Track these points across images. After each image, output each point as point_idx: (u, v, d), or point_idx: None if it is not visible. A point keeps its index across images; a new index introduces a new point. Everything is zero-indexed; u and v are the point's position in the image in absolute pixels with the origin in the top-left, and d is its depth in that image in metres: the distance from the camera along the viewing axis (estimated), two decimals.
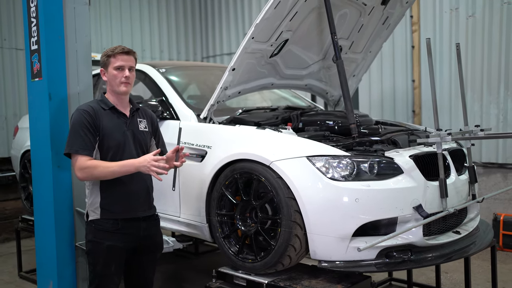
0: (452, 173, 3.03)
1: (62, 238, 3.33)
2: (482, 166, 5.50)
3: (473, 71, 5.49)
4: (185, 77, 4.30)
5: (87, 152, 2.53)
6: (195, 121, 3.39)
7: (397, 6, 3.83)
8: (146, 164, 2.44)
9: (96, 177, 2.56)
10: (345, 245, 2.60)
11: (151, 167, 2.43)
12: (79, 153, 2.52)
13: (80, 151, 2.52)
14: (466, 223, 3.18)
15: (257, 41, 3.19)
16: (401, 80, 6.13)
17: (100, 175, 2.53)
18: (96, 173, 2.52)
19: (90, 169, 2.50)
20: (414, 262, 2.71)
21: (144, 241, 2.73)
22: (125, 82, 2.62)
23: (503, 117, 5.34)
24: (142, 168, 2.47)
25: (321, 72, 4.06)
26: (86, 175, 2.53)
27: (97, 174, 2.52)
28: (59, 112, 3.28)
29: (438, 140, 2.78)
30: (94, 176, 2.54)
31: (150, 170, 2.44)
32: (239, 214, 2.96)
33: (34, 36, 3.30)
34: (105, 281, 2.66)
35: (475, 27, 5.46)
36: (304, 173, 2.68)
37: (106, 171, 2.51)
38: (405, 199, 2.66)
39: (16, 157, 5.18)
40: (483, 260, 4.51)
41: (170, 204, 3.37)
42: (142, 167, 2.46)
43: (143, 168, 2.46)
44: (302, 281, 2.74)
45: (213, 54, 8.61)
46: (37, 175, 3.45)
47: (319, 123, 3.42)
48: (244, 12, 8.03)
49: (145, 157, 2.49)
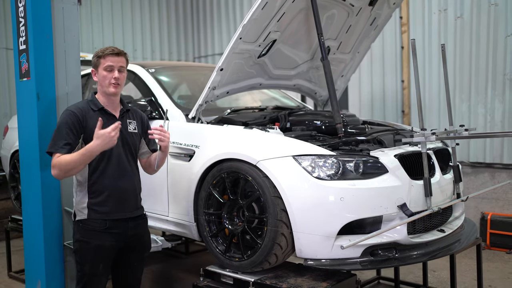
0: (436, 172, 3.08)
1: (50, 237, 3.33)
2: (469, 165, 5.56)
3: (461, 71, 5.55)
4: (175, 77, 4.31)
5: (64, 151, 2.52)
6: (183, 121, 3.41)
7: (385, 7, 3.87)
8: (108, 140, 2.40)
9: (66, 172, 2.51)
10: (330, 243, 2.63)
11: (112, 135, 2.40)
12: (57, 152, 2.52)
13: (59, 150, 2.52)
14: (451, 222, 3.23)
15: (245, 41, 3.22)
16: (390, 81, 6.17)
17: (67, 168, 2.48)
18: (63, 167, 2.48)
19: (58, 164, 2.49)
20: (399, 260, 2.75)
21: (132, 241, 2.74)
22: (114, 83, 2.63)
23: (490, 117, 5.40)
24: (107, 145, 2.43)
25: (310, 72, 4.09)
26: (57, 171, 2.51)
27: (65, 167, 2.48)
28: (47, 112, 3.28)
29: (423, 140, 2.81)
30: (63, 171, 2.50)
31: (114, 138, 2.42)
32: (226, 213, 2.99)
33: (22, 36, 3.30)
34: (93, 280, 2.67)
35: (463, 28, 5.52)
36: (290, 172, 2.70)
37: (71, 163, 2.46)
38: (390, 198, 2.70)
39: (6, 157, 5.18)
40: (470, 259, 4.56)
41: (158, 203, 3.39)
42: (106, 144, 2.42)
43: (108, 144, 2.43)
44: (288, 279, 2.77)
45: (205, 54, 8.62)
46: (25, 175, 3.46)
47: (306, 123, 3.45)
48: (235, 12, 8.05)
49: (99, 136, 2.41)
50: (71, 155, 2.49)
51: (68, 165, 2.48)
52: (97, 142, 2.42)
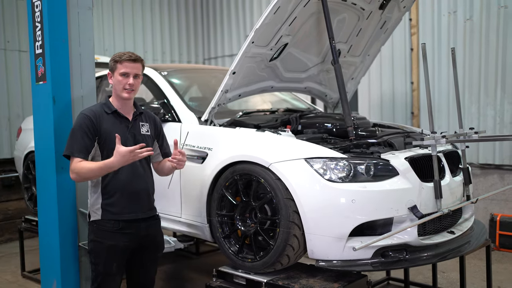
0: (446, 175, 3.10)
1: (66, 238, 3.40)
2: (479, 167, 5.57)
3: (471, 73, 5.55)
4: (187, 80, 4.36)
5: (82, 155, 2.60)
6: (196, 123, 3.46)
7: (395, 11, 3.90)
8: (127, 158, 2.47)
9: (84, 178, 2.64)
10: (342, 244, 2.67)
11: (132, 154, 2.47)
12: (74, 156, 2.61)
13: (76, 154, 2.60)
14: (460, 223, 3.25)
15: (257, 45, 3.26)
16: (400, 82, 6.19)
17: (86, 176, 2.61)
18: (82, 174, 2.60)
19: (77, 170, 2.59)
20: (409, 261, 2.78)
21: (145, 241, 2.79)
22: (129, 89, 2.68)
23: (499, 118, 5.40)
24: (126, 162, 2.50)
25: (320, 75, 4.12)
26: (76, 176, 2.62)
27: (83, 175, 2.61)
28: (63, 115, 3.35)
29: (433, 143, 2.84)
30: (82, 177, 2.62)
31: (136, 157, 2.49)
32: (239, 215, 3.03)
33: (38, 40, 3.36)
34: (107, 280, 2.72)
35: (473, 30, 5.52)
36: (302, 174, 2.74)
37: (89, 172, 2.57)
38: (401, 200, 2.73)
39: (20, 158, 5.24)
40: (479, 260, 4.57)
41: (171, 204, 3.44)
42: (125, 162, 2.50)
43: (127, 162, 2.50)
44: (300, 280, 2.81)
45: (215, 56, 8.67)
46: (41, 177, 3.52)
47: (317, 125, 3.49)
48: (245, 14, 8.10)
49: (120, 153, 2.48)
50: (90, 166, 2.57)
51: (86, 174, 2.59)
52: (117, 159, 2.50)
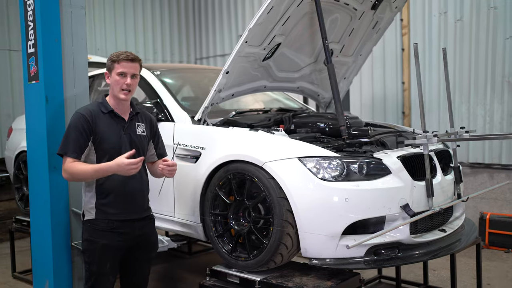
0: (438, 173, 3.14)
1: (58, 238, 3.38)
2: (469, 166, 5.63)
3: (461, 73, 5.62)
4: (180, 80, 4.36)
5: (75, 155, 2.59)
6: (189, 123, 3.46)
7: (387, 11, 3.93)
8: (124, 168, 2.48)
9: (77, 179, 2.66)
10: (335, 243, 2.69)
11: (131, 169, 2.48)
12: (67, 155, 2.60)
13: (69, 153, 2.59)
14: (451, 222, 3.29)
15: (251, 45, 3.27)
16: (391, 82, 6.24)
17: (79, 177, 2.62)
18: (75, 175, 2.60)
19: (71, 171, 2.58)
20: (402, 259, 2.81)
21: (139, 241, 2.79)
22: (126, 89, 2.67)
23: (489, 118, 5.47)
24: (122, 172, 2.51)
25: (313, 75, 4.15)
26: (68, 176, 2.63)
27: (76, 176, 2.61)
28: (56, 114, 3.33)
29: (425, 142, 2.88)
30: (74, 178, 2.63)
31: (130, 172, 2.50)
32: (232, 214, 3.04)
33: (31, 39, 3.35)
34: (101, 280, 2.72)
35: (463, 31, 5.59)
36: (296, 173, 2.76)
37: (83, 174, 2.57)
38: (393, 199, 2.76)
39: (10, 158, 5.19)
40: (469, 258, 4.63)
41: (164, 204, 3.44)
42: (124, 173, 2.51)
43: (122, 172, 2.51)
44: (294, 278, 2.82)
45: (206, 56, 8.67)
46: (33, 176, 3.50)
47: (310, 125, 3.51)
48: (237, 13, 8.10)
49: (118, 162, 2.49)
50: (84, 167, 2.57)
51: (79, 175, 2.59)
52: (116, 167, 2.50)
